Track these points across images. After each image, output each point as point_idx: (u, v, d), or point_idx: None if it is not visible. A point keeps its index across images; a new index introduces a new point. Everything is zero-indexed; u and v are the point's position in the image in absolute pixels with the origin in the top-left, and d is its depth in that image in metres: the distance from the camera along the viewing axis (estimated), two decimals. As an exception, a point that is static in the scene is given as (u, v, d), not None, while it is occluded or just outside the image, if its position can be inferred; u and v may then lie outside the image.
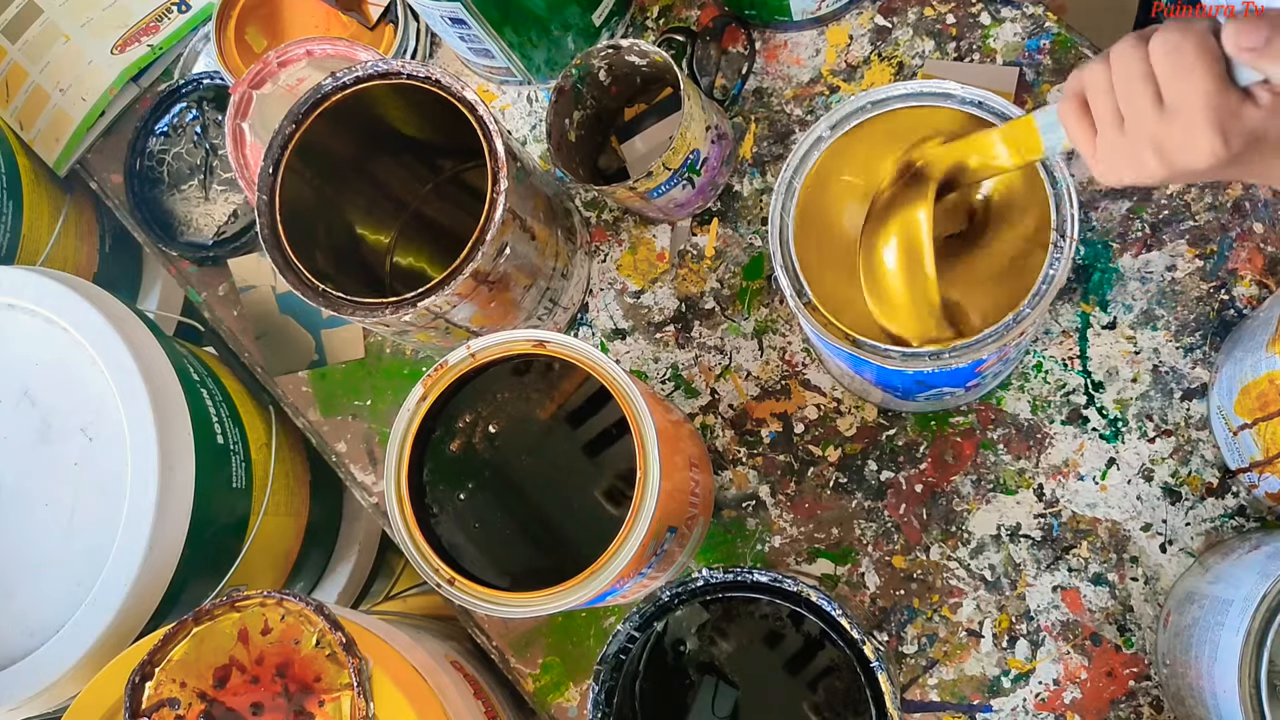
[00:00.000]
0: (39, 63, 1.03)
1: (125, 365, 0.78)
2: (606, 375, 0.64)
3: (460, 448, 0.69)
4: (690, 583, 0.61)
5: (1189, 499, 0.73)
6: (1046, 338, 0.77)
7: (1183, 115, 0.44)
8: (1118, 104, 0.47)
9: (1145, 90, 0.45)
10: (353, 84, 0.73)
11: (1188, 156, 0.45)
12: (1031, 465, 0.76)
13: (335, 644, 0.62)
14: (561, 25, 0.84)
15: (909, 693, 0.75)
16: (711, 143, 0.79)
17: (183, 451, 0.78)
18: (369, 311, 0.70)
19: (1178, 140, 0.45)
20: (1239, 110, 0.44)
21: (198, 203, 0.99)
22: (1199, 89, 0.43)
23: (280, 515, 0.94)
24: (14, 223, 0.98)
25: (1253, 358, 0.65)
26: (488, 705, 0.78)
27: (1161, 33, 0.45)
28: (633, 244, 0.87)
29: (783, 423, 0.81)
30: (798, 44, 0.86)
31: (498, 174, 0.69)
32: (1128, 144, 0.47)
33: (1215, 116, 0.43)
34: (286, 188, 0.73)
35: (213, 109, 1.00)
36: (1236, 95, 0.44)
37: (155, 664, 0.62)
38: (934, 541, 0.76)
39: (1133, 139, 0.46)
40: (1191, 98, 0.44)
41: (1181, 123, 0.44)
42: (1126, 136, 0.47)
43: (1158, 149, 0.46)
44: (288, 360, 0.94)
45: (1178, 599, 0.69)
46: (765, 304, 0.83)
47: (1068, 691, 0.72)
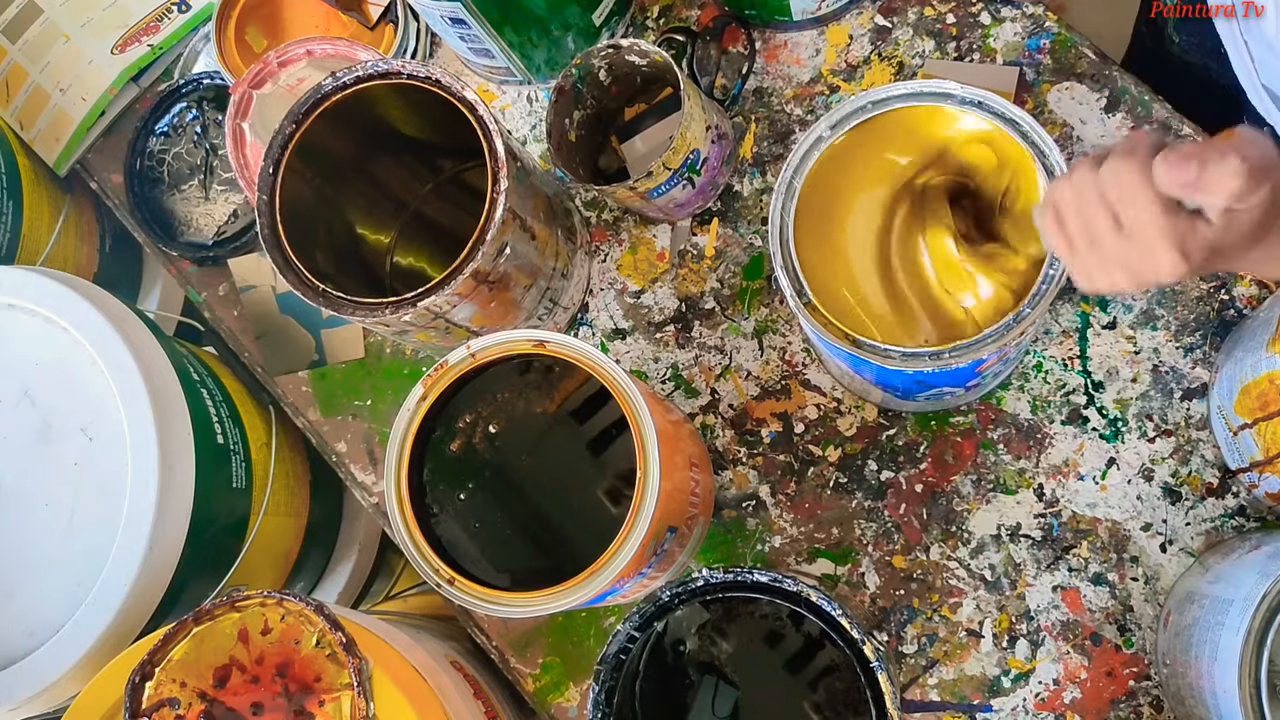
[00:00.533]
0: (39, 63, 1.03)
1: (125, 365, 0.78)
2: (606, 375, 0.64)
3: (460, 448, 0.69)
4: (690, 583, 0.61)
5: (1189, 499, 0.73)
6: (1046, 338, 0.77)
7: (1139, 239, 0.46)
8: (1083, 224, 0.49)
9: (1102, 214, 0.48)
10: (353, 84, 0.73)
11: (1152, 272, 0.47)
12: (1031, 465, 0.76)
13: (335, 644, 0.62)
14: (561, 25, 0.84)
15: (909, 693, 0.75)
16: (711, 143, 0.79)
17: (183, 451, 0.78)
18: (369, 311, 0.70)
19: (1140, 259, 0.47)
20: (1193, 228, 0.46)
21: (198, 203, 0.99)
22: (1149, 216, 0.46)
23: (280, 515, 0.93)
24: (14, 223, 0.98)
25: (1253, 358, 0.65)
26: (488, 705, 0.78)
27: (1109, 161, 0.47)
28: (633, 244, 0.87)
29: (783, 423, 0.81)
30: (798, 44, 0.86)
31: (498, 174, 0.69)
32: (1099, 260, 0.49)
33: (1170, 239, 0.46)
34: (286, 188, 0.73)
35: (213, 109, 1.00)
36: (1185, 216, 0.46)
37: (155, 664, 0.62)
38: (934, 541, 0.76)
39: (1100, 257, 0.49)
40: (1144, 224, 0.46)
41: (1139, 245, 0.47)
42: (1095, 254, 0.49)
43: (1124, 267, 0.48)
44: (288, 360, 0.94)
45: (1178, 599, 0.69)
46: (765, 304, 0.83)
47: (1068, 691, 0.72)
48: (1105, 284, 0.50)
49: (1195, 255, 0.46)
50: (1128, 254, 0.47)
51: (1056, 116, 0.79)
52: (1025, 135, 0.59)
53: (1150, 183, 0.45)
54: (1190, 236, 0.46)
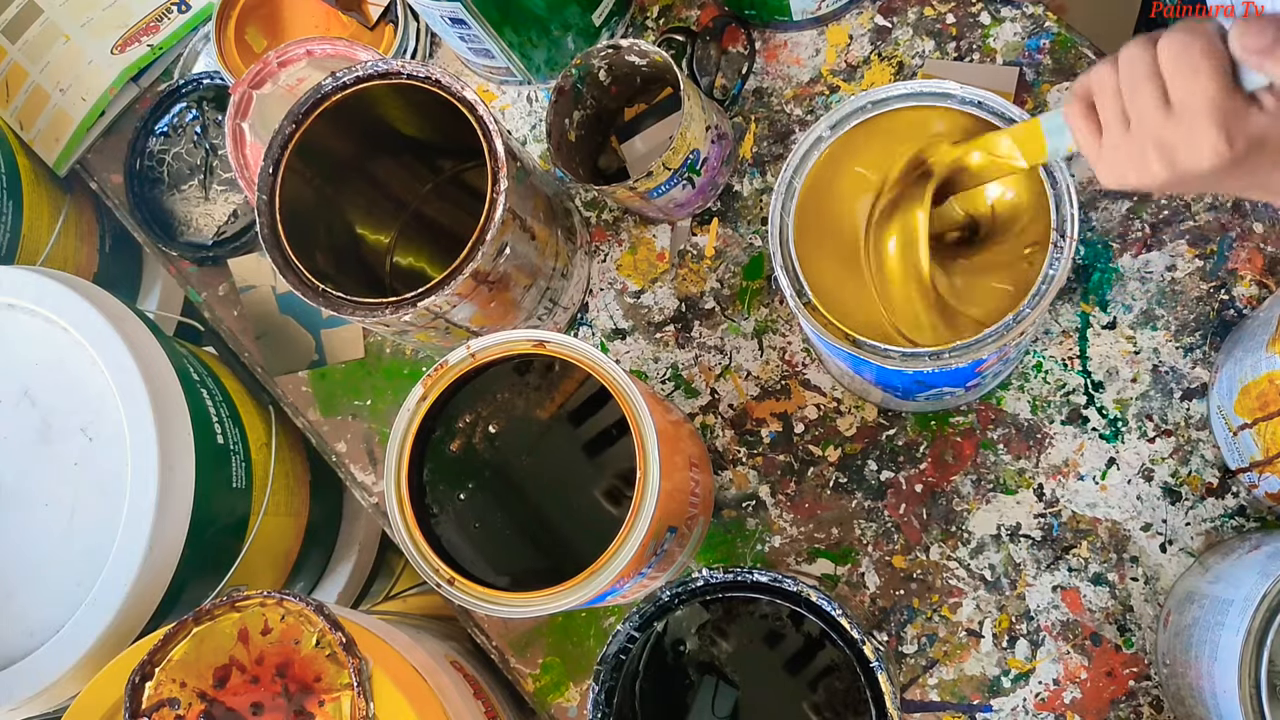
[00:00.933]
0: (39, 63, 1.03)
1: (125, 365, 0.78)
2: (606, 375, 0.64)
3: (460, 448, 0.69)
4: (690, 583, 0.61)
5: (1189, 499, 0.73)
6: (1046, 338, 0.77)
7: (1188, 116, 0.44)
8: (1124, 105, 0.47)
9: (1152, 90, 0.45)
10: (353, 84, 0.73)
11: (1191, 157, 0.45)
12: (1031, 465, 0.76)
13: (335, 644, 0.62)
14: (561, 25, 0.84)
15: (909, 693, 0.75)
16: (711, 143, 0.79)
17: (183, 451, 0.78)
18: (369, 311, 0.70)
19: (1182, 140, 0.45)
20: (1244, 113, 0.44)
21: (198, 203, 0.99)
22: (1204, 89, 0.44)
23: (280, 515, 0.93)
24: (14, 223, 0.98)
25: (1253, 358, 0.65)
26: (488, 705, 0.78)
27: (1169, 34, 0.45)
28: (633, 244, 0.87)
29: (783, 423, 0.81)
30: (798, 44, 0.86)
31: (498, 174, 0.69)
32: (1133, 145, 0.47)
33: (1220, 117, 0.44)
34: (286, 188, 0.73)
35: (213, 109, 1.00)
36: (1242, 98, 0.44)
37: (155, 664, 0.62)
38: (934, 541, 0.76)
39: (1138, 140, 0.46)
40: (1197, 98, 0.44)
41: (1186, 123, 0.44)
42: (1131, 137, 0.47)
43: (1161, 150, 0.46)
44: (288, 360, 0.94)
45: (1178, 599, 0.69)
46: (765, 304, 0.83)
47: (1068, 691, 0.72)
48: (1134, 174, 0.48)
49: (1239, 142, 0.44)
50: (1171, 134, 0.45)
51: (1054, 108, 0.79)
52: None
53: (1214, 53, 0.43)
54: (1239, 122, 0.44)
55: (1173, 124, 0.45)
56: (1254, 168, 0.46)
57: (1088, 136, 0.49)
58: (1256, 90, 0.44)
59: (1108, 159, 0.49)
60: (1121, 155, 0.48)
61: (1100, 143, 0.49)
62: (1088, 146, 0.50)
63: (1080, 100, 0.49)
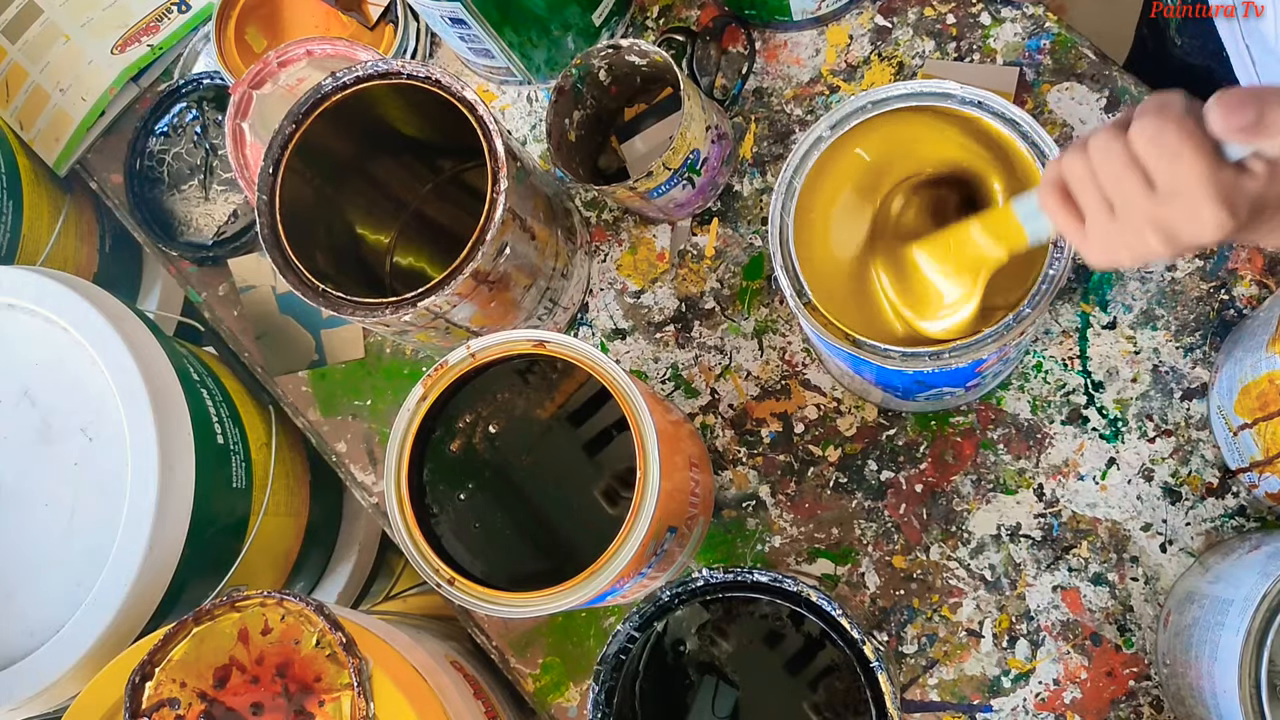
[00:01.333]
0: (39, 63, 1.03)
1: (125, 365, 0.78)
2: (606, 375, 0.64)
3: (460, 448, 0.69)
4: (690, 583, 0.61)
5: (1189, 499, 0.73)
6: (1046, 338, 0.77)
7: (1181, 196, 0.44)
8: (1104, 192, 0.47)
9: (1133, 177, 0.46)
10: (353, 84, 0.73)
11: (1194, 232, 0.45)
12: (1031, 465, 0.76)
13: (335, 644, 0.62)
14: (561, 25, 0.84)
15: (909, 693, 0.75)
16: (711, 143, 0.79)
17: (183, 451, 0.78)
18: (369, 311, 0.70)
19: (1181, 219, 0.45)
20: (1237, 182, 0.44)
21: (198, 203, 0.99)
22: (1193, 170, 0.44)
23: (280, 515, 0.93)
24: (14, 223, 0.98)
25: (1253, 357, 0.65)
26: (488, 705, 0.78)
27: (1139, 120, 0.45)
28: (633, 244, 0.87)
29: (783, 423, 0.81)
30: (798, 44, 0.86)
31: (498, 174, 0.69)
32: (1123, 229, 0.47)
33: (1217, 192, 0.44)
34: (286, 188, 0.73)
35: (213, 109, 1.00)
36: (1230, 169, 0.44)
37: (155, 664, 0.62)
38: (934, 541, 0.76)
39: (1130, 223, 0.47)
40: (1188, 179, 0.44)
41: (1183, 203, 0.45)
42: (1121, 222, 0.47)
43: (1160, 230, 0.46)
44: (288, 360, 0.94)
45: (1178, 599, 0.69)
46: (765, 304, 0.83)
47: (1068, 691, 0.72)
48: (1128, 255, 0.48)
49: (1241, 211, 0.44)
50: (1166, 215, 0.45)
51: (1056, 117, 0.79)
52: (1025, 135, 0.59)
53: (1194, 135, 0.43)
54: (1236, 190, 0.44)
55: (1167, 205, 0.45)
56: (1257, 225, 0.46)
57: (1069, 224, 0.50)
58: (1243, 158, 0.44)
59: (1097, 243, 0.49)
60: (1113, 238, 0.48)
61: (1084, 228, 0.49)
62: (1070, 232, 0.50)
63: (1054, 188, 0.49)
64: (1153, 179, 0.45)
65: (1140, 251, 0.47)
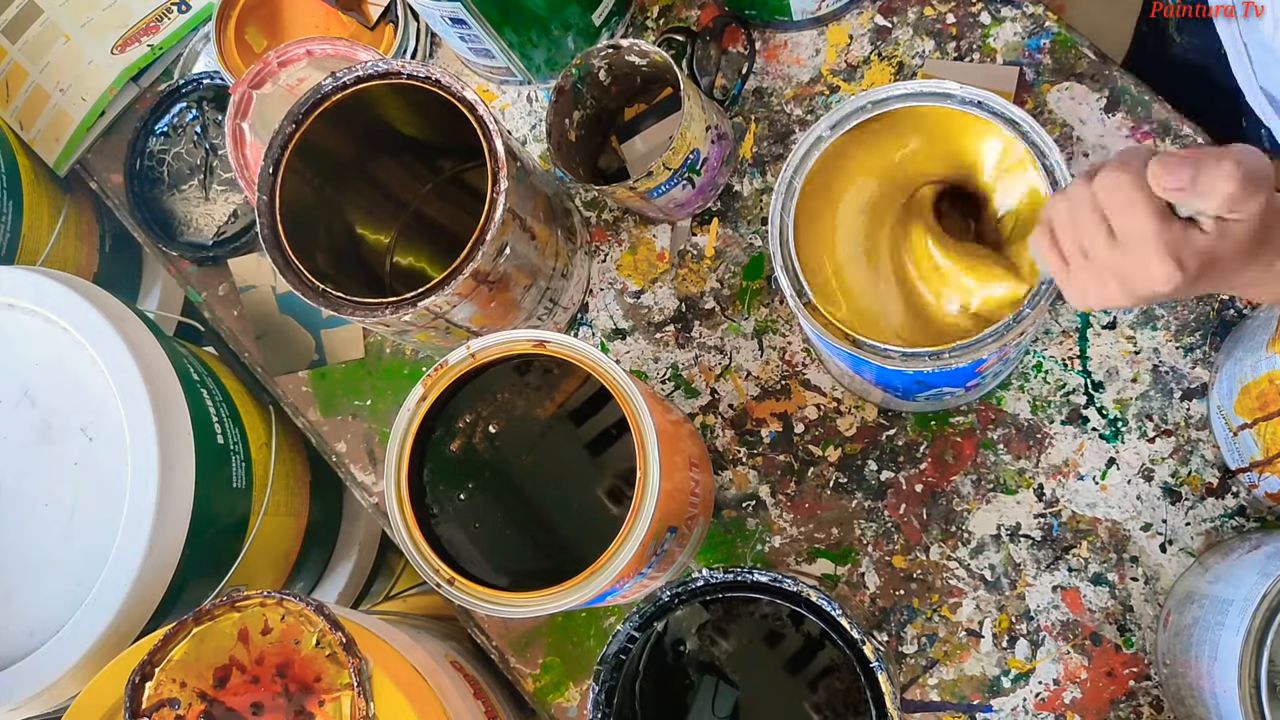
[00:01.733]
0: (39, 63, 1.03)
1: (125, 365, 0.78)
2: (606, 375, 0.64)
3: (460, 448, 0.69)
4: (690, 583, 0.61)
5: (1189, 499, 0.73)
6: (1046, 338, 0.77)
7: (1134, 248, 0.46)
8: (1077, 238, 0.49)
9: (1097, 225, 0.47)
10: (353, 84, 0.73)
11: (1146, 283, 0.47)
12: (1031, 465, 0.76)
13: (335, 644, 0.62)
14: (561, 25, 0.84)
15: (909, 693, 0.75)
16: (711, 143, 0.79)
17: (183, 451, 0.78)
18: (369, 311, 0.70)
19: (1135, 269, 0.47)
20: (1186, 238, 0.46)
21: (198, 203, 0.99)
22: (1143, 224, 0.45)
23: (280, 515, 0.93)
24: (14, 223, 0.98)
25: (1253, 357, 0.65)
26: (488, 705, 0.78)
27: (1102, 172, 0.47)
28: (633, 244, 0.87)
29: (783, 423, 0.81)
30: (798, 44, 0.86)
31: (498, 174, 0.69)
32: (1093, 274, 0.49)
33: (1165, 248, 0.45)
34: (286, 188, 0.73)
35: (213, 109, 1.00)
36: (1180, 224, 0.46)
37: (155, 664, 0.62)
38: (934, 541, 0.76)
39: (1096, 269, 0.49)
40: (1138, 232, 0.46)
41: (1135, 255, 0.46)
42: (1090, 267, 0.49)
43: (1119, 278, 0.48)
44: (288, 360, 0.94)
45: (1178, 599, 0.69)
46: (765, 304, 0.83)
47: (1068, 691, 0.72)
48: (1097, 299, 0.50)
49: (1190, 265, 0.46)
50: (1122, 265, 0.47)
51: (1056, 116, 0.79)
52: (1025, 135, 0.59)
53: (1144, 190, 0.45)
54: (1184, 245, 0.45)
55: (1123, 256, 0.47)
56: (1212, 276, 0.48)
57: (1055, 264, 0.52)
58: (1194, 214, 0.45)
59: (1072, 286, 0.51)
60: (1086, 282, 0.50)
61: (1065, 271, 0.51)
62: (1055, 272, 0.52)
63: (1045, 230, 0.51)
64: (1113, 228, 0.47)
65: (1104, 297, 0.49)
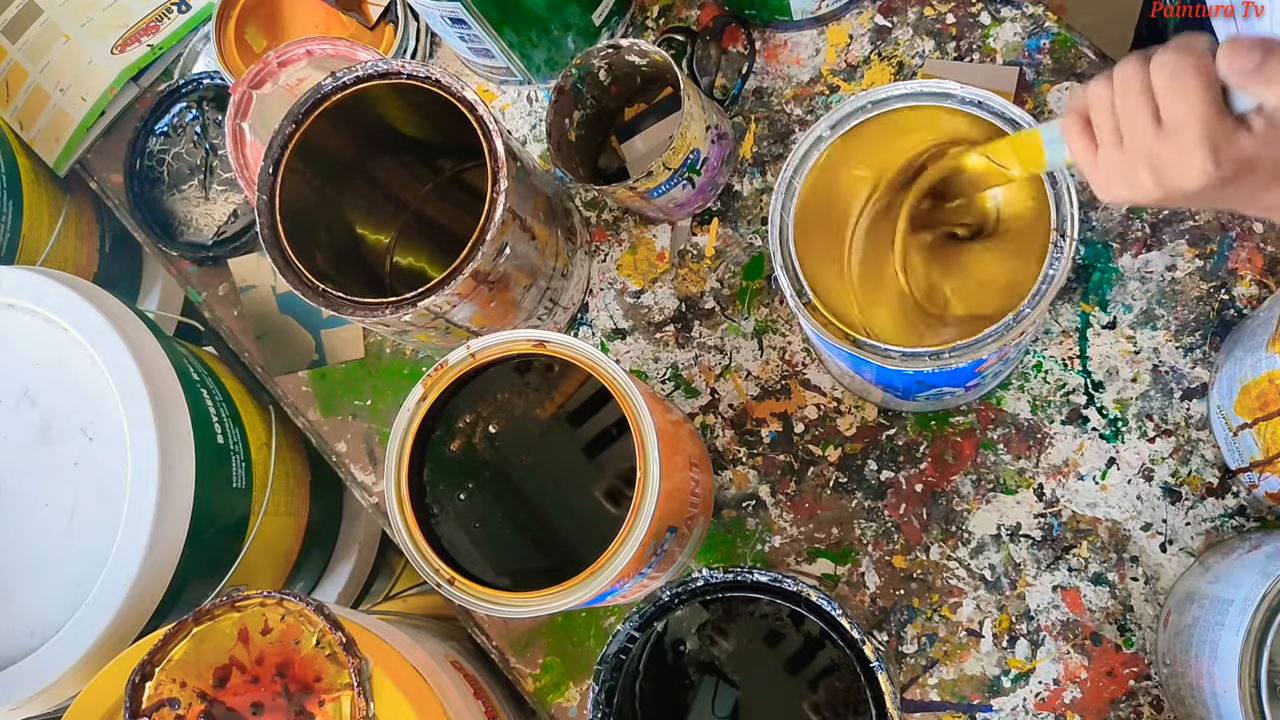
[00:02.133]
0: (39, 63, 1.03)
1: (125, 365, 0.78)
2: (606, 375, 0.64)
3: (460, 448, 0.69)
4: (690, 583, 0.61)
5: (1189, 499, 0.73)
6: (1046, 338, 0.77)
7: (1178, 135, 0.45)
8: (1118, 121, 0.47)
9: (1144, 108, 0.46)
10: (353, 84, 0.73)
11: (1180, 175, 0.45)
12: (1031, 465, 0.76)
13: (335, 644, 0.62)
14: (561, 25, 0.84)
15: (909, 693, 0.75)
16: (711, 143, 0.79)
17: (183, 451, 0.78)
18: (369, 311, 0.70)
19: (1171, 159, 0.45)
20: (1232, 135, 0.44)
21: (198, 203, 0.99)
22: (1194, 110, 0.44)
23: (280, 515, 0.94)
24: (14, 223, 0.98)
25: (1253, 357, 0.65)
26: (488, 705, 0.78)
27: (1163, 51, 0.45)
28: (633, 244, 0.87)
29: (783, 422, 0.81)
30: (798, 44, 0.86)
31: (498, 174, 0.69)
32: (1125, 160, 0.47)
33: (1208, 138, 0.44)
34: (286, 188, 0.73)
35: (213, 109, 1.00)
36: (1231, 120, 0.44)
37: (155, 664, 0.62)
38: (934, 541, 0.76)
39: (1131, 156, 0.47)
40: (1187, 118, 0.44)
41: (1176, 142, 0.45)
42: (1125, 153, 0.47)
43: (1152, 167, 0.46)
44: (288, 360, 0.94)
45: (1178, 599, 0.69)
46: (765, 304, 0.83)
47: (1068, 691, 0.72)
48: (1126, 189, 0.48)
49: (1227, 165, 0.44)
50: (1160, 152, 0.46)
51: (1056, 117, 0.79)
52: (1025, 135, 0.59)
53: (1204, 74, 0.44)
54: (1227, 144, 0.44)
55: (1163, 142, 0.45)
56: (1243, 186, 0.46)
57: (1083, 150, 0.50)
58: (1246, 112, 0.44)
59: (1102, 173, 0.49)
60: (1115, 170, 0.48)
61: (1095, 157, 0.49)
62: (1083, 160, 0.50)
63: (1077, 114, 0.50)
64: (1161, 112, 0.45)
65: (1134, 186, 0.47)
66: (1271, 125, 0.44)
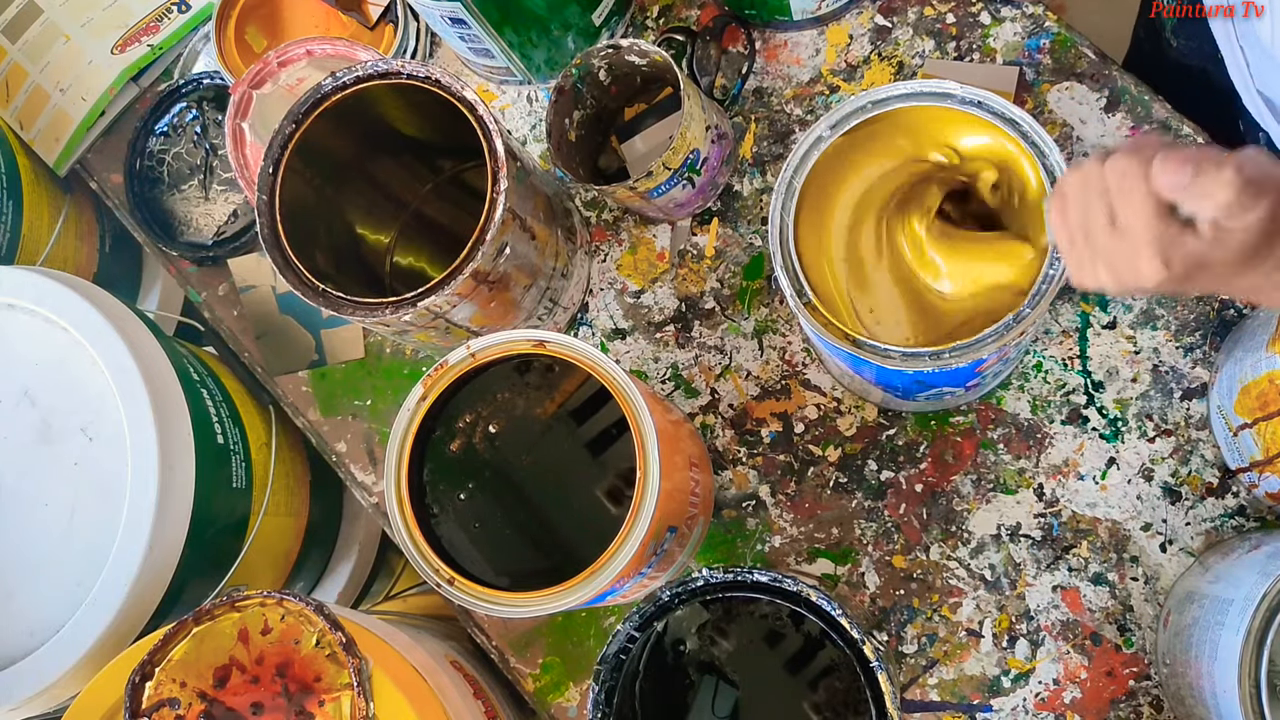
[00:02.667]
0: (39, 63, 1.03)
1: (125, 365, 0.78)
2: (606, 375, 0.64)
3: (460, 448, 0.69)
4: (690, 583, 0.61)
5: (1189, 499, 0.73)
6: (1046, 338, 0.77)
7: (1128, 238, 0.46)
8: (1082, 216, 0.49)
9: (1101, 208, 0.47)
10: (353, 84, 0.73)
11: (1133, 275, 0.47)
12: (1031, 465, 0.76)
13: (335, 644, 0.62)
14: (561, 25, 0.84)
15: (909, 693, 0.75)
16: (711, 142, 0.79)
17: (183, 451, 0.78)
18: (369, 311, 0.70)
19: (1125, 260, 0.47)
20: (1179, 239, 0.45)
21: (198, 203, 0.99)
22: (1141, 216, 0.45)
23: (280, 515, 0.94)
24: (14, 223, 0.98)
25: (1253, 357, 0.65)
26: (488, 705, 0.78)
27: (1115, 155, 0.47)
28: (633, 244, 0.87)
29: (783, 422, 0.81)
30: (798, 44, 0.86)
31: (498, 174, 0.69)
32: (1088, 255, 0.49)
33: (1156, 243, 0.45)
34: (286, 188, 0.73)
35: (213, 109, 1.00)
36: (1177, 225, 0.45)
37: (155, 664, 0.62)
38: (934, 541, 0.76)
39: (1092, 251, 0.49)
40: (1135, 223, 0.46)
41: (1128, 244, 0.46)
42: (1087, 248, 0.49)
43: (1109, 265, 0.48)
44: (288, 360, 0.94)
45: (1178, 599, 0.69)
46: (765, 304, 0.83)
47: (1068, 691, 0.72)
48: (1090, 281, 0.50)
49: (1176, 266, 0.45)
50: (1114, 253, 0.47)
51: (1056, 116, 0.79)
52: (1025, 135, 0.59)
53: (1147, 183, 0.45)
54: (1175, 246, 0.45)
55: (1118, 243, 0.47)
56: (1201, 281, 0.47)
57: (1060, 236, 0.51)
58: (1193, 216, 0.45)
59: (1071, 261, 0.51)
60: (1080, 262, 0.50)
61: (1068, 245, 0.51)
62: (1060, 244, 0.52)
63: (1058, 198, 0.51)
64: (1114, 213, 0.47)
65: (1095, 279, 0.49)
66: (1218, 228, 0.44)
